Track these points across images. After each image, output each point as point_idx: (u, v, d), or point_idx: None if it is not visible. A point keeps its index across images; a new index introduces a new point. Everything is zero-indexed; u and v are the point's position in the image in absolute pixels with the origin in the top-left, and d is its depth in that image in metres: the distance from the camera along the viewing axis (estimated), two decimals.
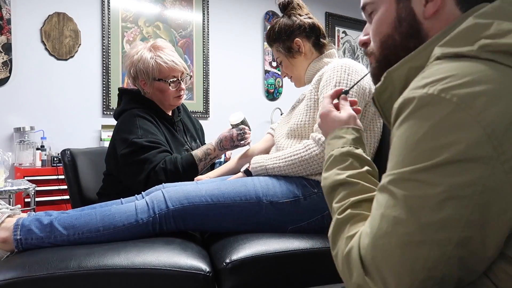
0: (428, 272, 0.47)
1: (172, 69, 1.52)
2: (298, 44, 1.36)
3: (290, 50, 1.37)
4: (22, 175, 2.47)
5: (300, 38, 1.36)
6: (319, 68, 1.35)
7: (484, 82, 0.48)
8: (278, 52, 1.40)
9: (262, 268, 1.00)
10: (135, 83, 1.58)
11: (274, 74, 3.97)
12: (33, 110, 2.81)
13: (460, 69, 0.50)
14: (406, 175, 0.50)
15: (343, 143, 0.76)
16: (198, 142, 1.73)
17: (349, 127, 0.80)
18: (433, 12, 0.61)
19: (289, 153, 1.17)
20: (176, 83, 1.55)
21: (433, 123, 0.48)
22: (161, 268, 0.92)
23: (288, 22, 1.37)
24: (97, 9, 3.07)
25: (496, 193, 0.45)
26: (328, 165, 0.75)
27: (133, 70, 1.53)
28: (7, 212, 1.08)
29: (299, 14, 1.38)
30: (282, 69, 1.46)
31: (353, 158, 0.73)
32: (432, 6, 0.61)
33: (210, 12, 3.59)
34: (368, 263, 0.51)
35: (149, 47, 1.54)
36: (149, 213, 1.08)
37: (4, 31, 2.70)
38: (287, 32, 1.36)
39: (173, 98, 1.57)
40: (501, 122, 0.45)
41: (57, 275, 0.88)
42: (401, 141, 0.52)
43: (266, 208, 1.12)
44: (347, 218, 0.61)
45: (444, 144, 0.47)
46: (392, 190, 0.51)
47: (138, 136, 1.40)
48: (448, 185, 0.46)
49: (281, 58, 1.41)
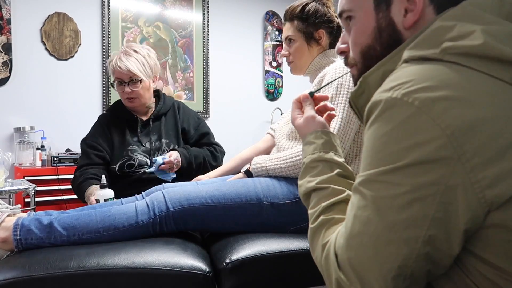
0: (398, 270, 0.49)
1: (115, 72, 1.63)
2: (321, 35, 1.32)
3: (311, 37, 1.33)
4: (22, 175, 2.47)
5: (325, 30, 1.33)
6: (322, 65, 1.34)
7: (444, 86, 0.49)
8: (297, 31, 1.34)
9: (262, 268, 1.00)
10: None
11: (274, 74, 3.97)
12: (33, 110, 2.81)
13: (423, 72, 0.51)
14: (374, 176, 0.52)
15: (313, 149, 0.76)
16: (171, 140, 1.72)
17: (318, 131, 0.79)
18: (412, 22, 0.61)
19: (290, 154, 1.17)
20: (120, 87, 1.65)
21: (396, 125, 0.50)
22: (161, 268, 0.92)
23: (322, 9, 1.32)
24: (97, 9, 3.07)
25: (458, 192, 0.47)
26: (301, 173, 0.76)
27: None
28: (7, 211, 1.08)
29: (330, 7, 1.34)
30: (287, 48, 1.38)
31: (323, 163, 0.73)
32: (412, 16, 0.61)
33: (210, 12, 3.59)
34: (343, 263, 0.53)
35: (121, 49, 1.67)
36: (149, 215, 1.08)
37: (4, 31, 2.70)
38: (318, 18, 1.31)
39: (124, 100, 1.69)
40: (460, 124, 0.47)
41: (57, 275, 0.88)
42: (369, 143, 0.54)
43: (266, 209, 1.12)
44: (320, 226, 0.63)
45: (407, 147, 0.49)
46: (362, 191, 0.53)
47: (85, 137, 1.71)
48: (412, 186, 0.48)
49: (296, 38, 1.35)
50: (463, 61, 0.51)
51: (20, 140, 2.68)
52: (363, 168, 0.55)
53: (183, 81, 3.48)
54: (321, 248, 0.59)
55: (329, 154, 0.74)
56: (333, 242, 0.56)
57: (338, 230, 0.57)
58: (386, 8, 0.63)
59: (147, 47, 1.71)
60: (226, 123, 3.66)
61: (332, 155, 0.74)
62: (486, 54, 0.50)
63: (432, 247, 0.48)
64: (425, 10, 0.60)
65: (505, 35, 0.51)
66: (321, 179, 0.70)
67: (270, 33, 3.92)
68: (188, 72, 3.50)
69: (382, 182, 0.51)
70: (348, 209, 0.56)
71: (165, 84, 3.39)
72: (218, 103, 3.65)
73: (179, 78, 3.45)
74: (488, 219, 0.48)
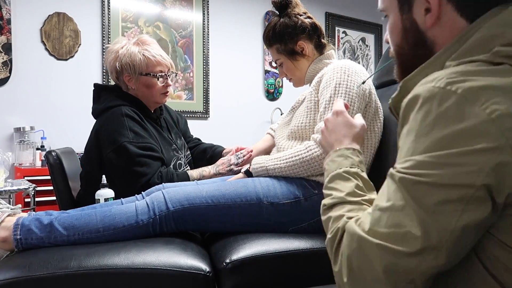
0: None
1: (160, 63, 1.48)
2: (302, 46, 1.32)
3: (293, 52, 1.33)
4: (22, 175, 2.47)
5: (303, 40, 1.32)
6: (319, 69, 1.34)
7: (490, 79, 0.49)
8: (279, 54, 1.35)
9: (262, 268, 1.00)
10: (118, 78, 1.52)
11: (274, 74, 3.97)
12: (33, 110, 2.81)
13: (469, 68, 0.52)
14: (422, 158, 0.51)
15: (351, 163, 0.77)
16: (183, 139, 1.70)
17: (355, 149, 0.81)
18: (433, 22, 0.62)
19: (290, 154, 1.16)
20: (164, 78, 1.50)
21: (440, 113, 0.50)
22: (161, 268, 0.92)
23: (290, 22, 1.31)
24: (97, 9, 3.07)
25: (506, 170, 0.47)
26: (332, 179, 0.76)
27: (119, 64, 1.47)
28: (7, 211, 1.08)
29: (298, 13, 1.32)
30: (281, 70, 1.41)
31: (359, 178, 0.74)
32: (430, 17, 0.62)
33: (210, 12, 3.59)
34: None
35: (135, 41, 1.49)
36: (149, 214, 1.08)
37: (4, 31, 2.70)
38: (290, 34, 1.31)
39: (160, 95, 1.52)
40: (505, 111, 0.47)
41: (57, 274, 0.88)
42: (411, 134, 0.53)
43: (266, 209, 1.12)
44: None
45: (453, 134, 0.48)
46: (404, 177, 0.52)
47: (130, 139, 1.34)
48: (459, 171, 0.48)
49: (282, 60, 1.36)
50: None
51: (20, 140, 2.68)
52: (405, 156, 0.53)
53: (183, 81, 3.48)
54: None
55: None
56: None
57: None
58: (409, 10, 0.65)
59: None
60: (226, 123, 3.66)
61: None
62: None
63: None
64: (444, 8, 0.61)
65: None
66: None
67: None
68: (188, 72, 3.50)
69: (430, 166, 0.49)
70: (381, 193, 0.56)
71: None
72: (218, 103, 3.65)
73: (179, 78, 3.45)
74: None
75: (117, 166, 1.35)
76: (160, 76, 1.49)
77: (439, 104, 0.50)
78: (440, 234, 0.48)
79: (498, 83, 0.49)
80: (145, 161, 1.33)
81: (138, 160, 1.33)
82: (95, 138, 1.42)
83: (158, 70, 1.48)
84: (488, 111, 0.47)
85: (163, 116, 1.64)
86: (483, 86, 0.49)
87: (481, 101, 0.48)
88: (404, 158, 0.53)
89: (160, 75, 1.49)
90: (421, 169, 0.50)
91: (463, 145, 0.48)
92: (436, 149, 0.49)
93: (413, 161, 0.51)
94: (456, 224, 0.48)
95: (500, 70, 0.51)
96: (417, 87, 0.54)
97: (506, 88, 0.48)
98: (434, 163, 0.49)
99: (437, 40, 0.63)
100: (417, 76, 0.62)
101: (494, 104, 0.47)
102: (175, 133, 1.66)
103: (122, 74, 1.49)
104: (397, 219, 0.51)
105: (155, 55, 1.46)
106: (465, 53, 0.56)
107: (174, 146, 1.55)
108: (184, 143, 1.68)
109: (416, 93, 0.53)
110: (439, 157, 0.49)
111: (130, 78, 1.49)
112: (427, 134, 0.50)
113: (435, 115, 0.50)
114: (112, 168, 1.37)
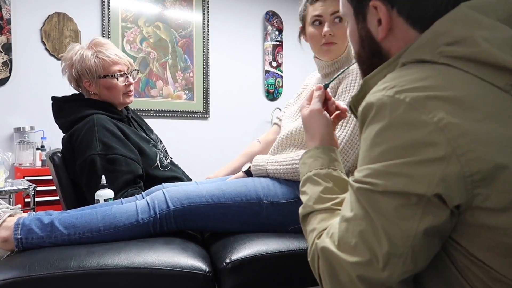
0: None
1: (116, 62, 1.45)
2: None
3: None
4: (22, 175, 2.47)
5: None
6: (348, 62, 1.25)
7: (437, 86, 0.50)
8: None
9: (262, 268, 1.00)
10: (79, 85, 1.50)
11: (274, 74, 3.97)
12: (33, 110, 2.81)
13: (416, 73, 0.53)
14: (375, 169, 0.52)
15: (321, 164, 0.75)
16: (155, 133, 1.67)
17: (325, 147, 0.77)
18: (385, 34, 0.62)
19: (290, 159, 1.16)
20: (124, 77, 1.47)
21: (389, 122, 0.51)
22: (161, 268, 0.92)
23: None
24: (97, 9, 3.07)
25: (452, 181, 0.48)
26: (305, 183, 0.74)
27: (75, 71, 1.45)
28: (8, 211, 1.08)
29: None
30: (333, 29, 1.17)
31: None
32: (381, 29, 0.62)
33: (210, 12, 3.59)
34: None
35: (88, 45, 1.47)
36: (150, 213, 1.08)
37: (4, 31, 2.70)
38: None
39: (123, 95, 1.48)
40: (451, 120, 0.48)
41: (57, 274, 0.88)
42: (366, 142, 0.54)
43: (266, 208, 1.12)
44: None
45: (402, 144, 0.50)
46: (360, 186, 0.54)
47: (97, 151, 1.29)
48: (410, 178, 0.49)
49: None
50: (457, 64, 0.52)
51: (20, 140, 2.68)
52: (361, 164, 0.55)
53: (183, 81, 3.48)
54: None
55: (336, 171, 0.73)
56: None
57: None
58: (363, 19, 0.66)
59: None
60: (226, 123, 3.66)
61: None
62: (481, 59, 0.51)
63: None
64: (395, 20, 0.61)
65: (501, 41, 0.52)
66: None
67: (270, 33, 3.92)
68: (188, 72, 3.50)
69: (382, 176, 0.51)
70: (345, 205, 0.58)
71: (165, 84, 3.39)
72: (218, 103, 3.65)
73: (179, 78, 3.45)
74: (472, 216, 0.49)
75: (83, 178, 1.34)
76: (119, 75, 1.46)
77: (390, 114, 0.51)
78: (403, 240, 0.49)
79: (443, 90, 0.50)
80: (109, 176, 1.26)
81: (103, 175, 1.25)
82: (71, 151, 1.39)
83: (116, 70, 1.45)
84: (436, 119, 0.48)
85: (131, 115, 1.61)
86: (429, 96, 0.50)
87: (428, 110, 0.49)
88: (360, 167, 0.55)
89: (119, 74, 1.46)
90: (375, 178, 0.51)
91: (413, 154, 0.49)
92: (389, 158, 0.51)
93: (368, 169, 0.53)
94: (418, 228, 0.49)
95: (445, 73, 0.52)
96: (370, 95, 0.55)
97: (450, 95, 0.49)
98: (387, 172, 0.51)
99: (392, 51, 0.63)
100: (377, 75, 0.62)
101: (441, 112, 0.48)
102: (147, 128, 1.64)
103: (81, 81, 1.47)
104: (361, 228, 0.52)
105: (110, 55, 1.44)
106: (414, 51, 0.57)
107: (152, 142, 1.53)
108: (157, 136, 1.66)
109: (369, 101, 0.54)
110: (391, 166, 0.50)
111: (90, 83, 1.46)
112: (380, 143, 0.52)
113: (386, 124, 0.51)
114: (80, 178, 1.35)
